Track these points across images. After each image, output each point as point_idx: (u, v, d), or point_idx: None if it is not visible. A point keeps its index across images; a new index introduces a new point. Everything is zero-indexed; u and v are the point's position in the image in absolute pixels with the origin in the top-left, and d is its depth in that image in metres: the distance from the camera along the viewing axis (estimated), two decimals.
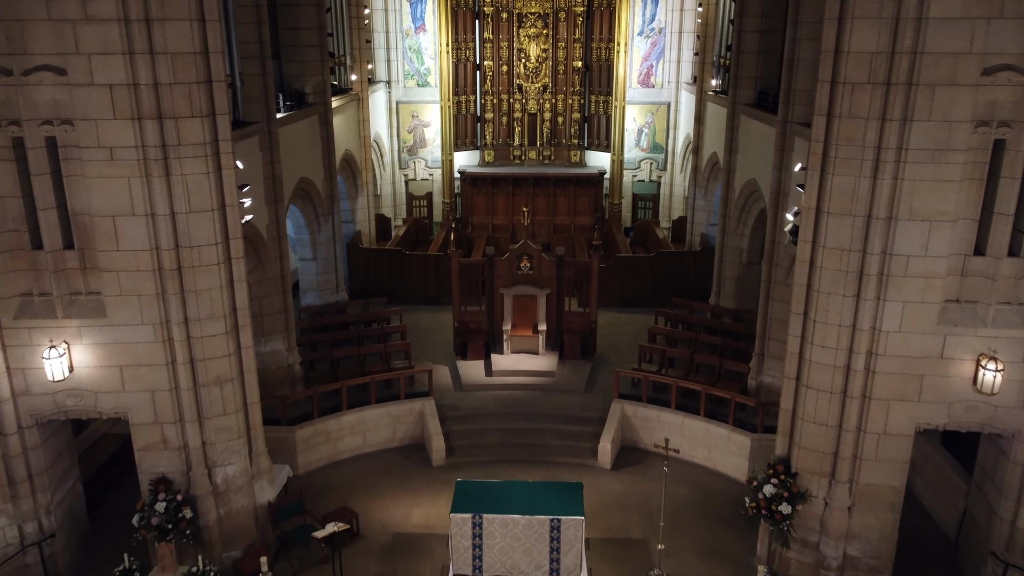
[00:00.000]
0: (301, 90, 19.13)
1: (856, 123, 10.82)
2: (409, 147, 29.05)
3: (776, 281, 16.21)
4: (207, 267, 11.74)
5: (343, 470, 16.30)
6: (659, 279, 23.56)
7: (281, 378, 17.11)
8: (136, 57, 10.66)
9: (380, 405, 16.95)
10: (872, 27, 10.45)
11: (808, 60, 14.83)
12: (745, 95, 19.03)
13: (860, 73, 10.65)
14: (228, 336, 12.23)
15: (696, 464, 16.44)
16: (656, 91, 28.43)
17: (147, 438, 12.29)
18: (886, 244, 11.08)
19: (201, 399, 12.29)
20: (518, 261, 19.23)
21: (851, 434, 11.97)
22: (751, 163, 18.57)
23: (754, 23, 18.54)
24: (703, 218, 24.85)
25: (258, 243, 15.78)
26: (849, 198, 11.11)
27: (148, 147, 11.01)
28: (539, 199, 28.56)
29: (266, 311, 16.57)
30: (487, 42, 28.14)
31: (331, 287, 20.95)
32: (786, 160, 15.52)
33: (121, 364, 11.86)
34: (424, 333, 21.43)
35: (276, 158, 16.00)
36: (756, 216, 18.92)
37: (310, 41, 19.08)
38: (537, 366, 18.77)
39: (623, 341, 21.03)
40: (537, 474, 16.00)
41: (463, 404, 17.74)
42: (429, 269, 23.63)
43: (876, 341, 11.47)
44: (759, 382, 16.98)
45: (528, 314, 19.50)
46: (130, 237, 11.31)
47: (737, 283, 20.31)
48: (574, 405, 17.66)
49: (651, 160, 29.01)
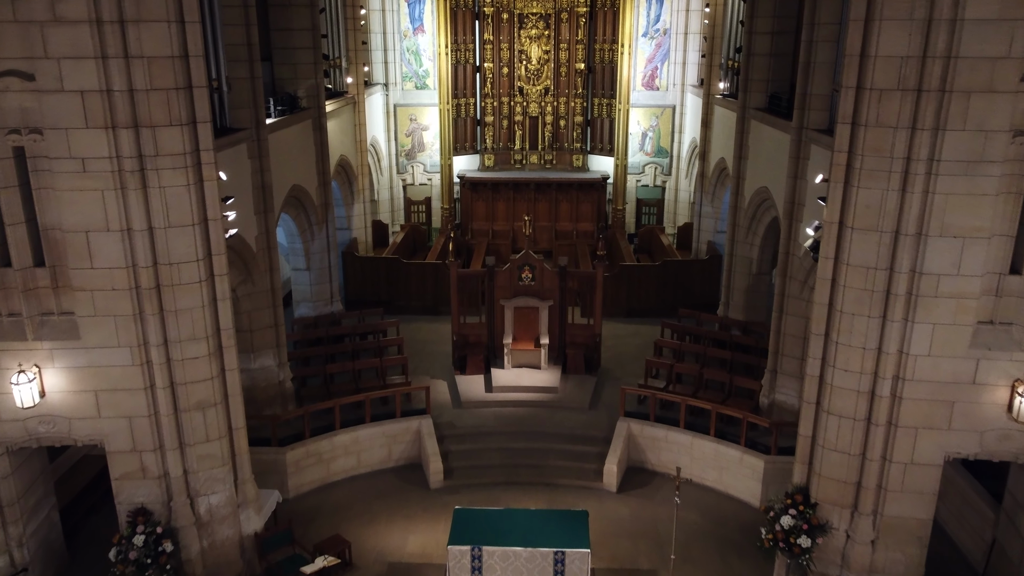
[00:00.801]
0: (294, 94, 18.38)
1: (884, 132, 10.07)
2: (407, 151, 28.30)
3: (790, 295, 15.47)
4: (188, 285, 10.99)
5: (336, 493, 15.55)
6: (665, 288, 22.81)
7: (272, 396, 16.36)
8: (109, 61, 9.92)
9: (375, 424, 16.19)
10: (902, 29, 9.70)
11: (825, 63, 14.12)
12: (756, 99, 18.30)
13: (888, 79, 9.90)
14: (211, 358, 11.48)
15: (706, 487, 15.68)
16: (661, 94, 27.68)
17: (125, 467, 11.54)
18: (915, 262, 10.32)
19: (182, 425, 11.55)
20: (519, 272, 18.48)
21: (876, 463, 11.22)
22: (762, 170, 17.83)
23: (765, 24, 17.80)
24: (710, 225, 24.10)
25: (246, 255, 15.03)
26: (875, 212, 10.36)
27: (123, 158, 10.27)
28: (540, 204, 27.80)
29: (255, 326, 15.84)
30: (487, 43, 27.37)
31: (325, 298, 20.19)
32: (801, 168, 14.77)
33: (96, 389, 11.11)
34: (422, 345, 20.68)
35: (266, 166, 15.25)
36: (767, 225, 18.19)
37: (303, 43, 18.32)
38: (539, 381, 18.02)
39: (628, 354, 20.28)
40: (539, 497, 15.29)
41: (462, 422, 16.99)
42: (427, 278, 22.89)
43: (903, 365, 10.72)
44: (772, 400, 16.23)
45: (530, 327, 18.75)
46: (105, 254, 10.56)
47: (747, 294, 19.56)
48: (578, 423, 16.90)
49: (655, 165, 28.25)
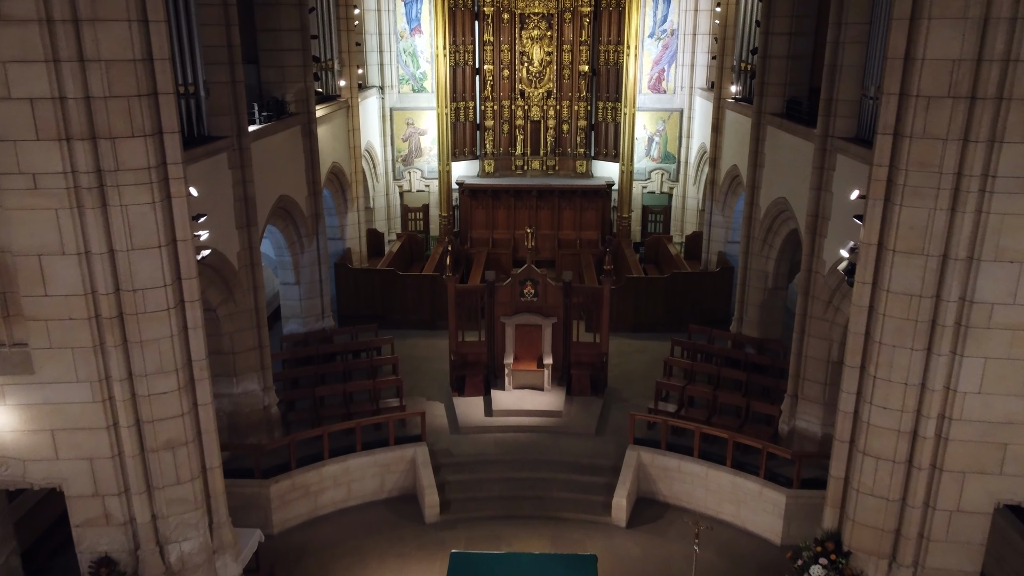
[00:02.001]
0: (281, 99, 17.29)
1: (931, 145, 8.99)
2: (404, 157, 27.21)
3: (813, 316, 14.37)
4: (154, 314, 9.90)
5: (324, 528, 14.45)
6: (673, 302, 21.71)
7: (256, 422, 15.26)
8: (62, 65, 8.84)
9: (367, 453, 15.09)
10: (954, 29, 8.62)
11: (853, 67, 13.04)
12: (772, 104, 17.21)
13: (938, 85, 8.82)
14: (182, 393, 10.38)
15: (723, 521, 14.57)
16: (668, 97, 26.58)
17: (86, 513, 10.45)
18: (966, 289, 9.25)
19: (150, 466, 10.45)
20: (521, 287, 17.40)
21: (917, 510, 10.14)
22: (780, 180, 16.75)
23: (783, 24, 16.71)
24: (721, 235, 23.00)
25: (227, 273, 13.94)
26: (921, 234, 9.28)
27: (80, 173, 9.18)
28: (543, 212, 26.73)
29: (238, 348, 14.73)
30: (487, 44, 26.28)
31: (316, 313, 19.09)
32: (826, 180, 13.68)
33: (53, 428, 10.02)
34: (418, 363, 19.60)
35: (248, 176, 14.16)
36: (784, 238, 17.10)
37: (291, 44, 17.23)
38: (542, 405, 16.93)
39: (636, 372, 19.20)
40: (543, 532, 14.21)
41: (460, 449, 15.89)
42: (424, 291, 21.79)
43: (950, 403, 9.65)
44: (792, 427, 15.13)
45: (532, 346, 17.66)
46: (60, 280, 9.47)
47: (762, 310, 18.46)
48: (584, 451, 15.80)
49: (662, 170, 27.16)
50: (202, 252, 10.73)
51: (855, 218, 10.37)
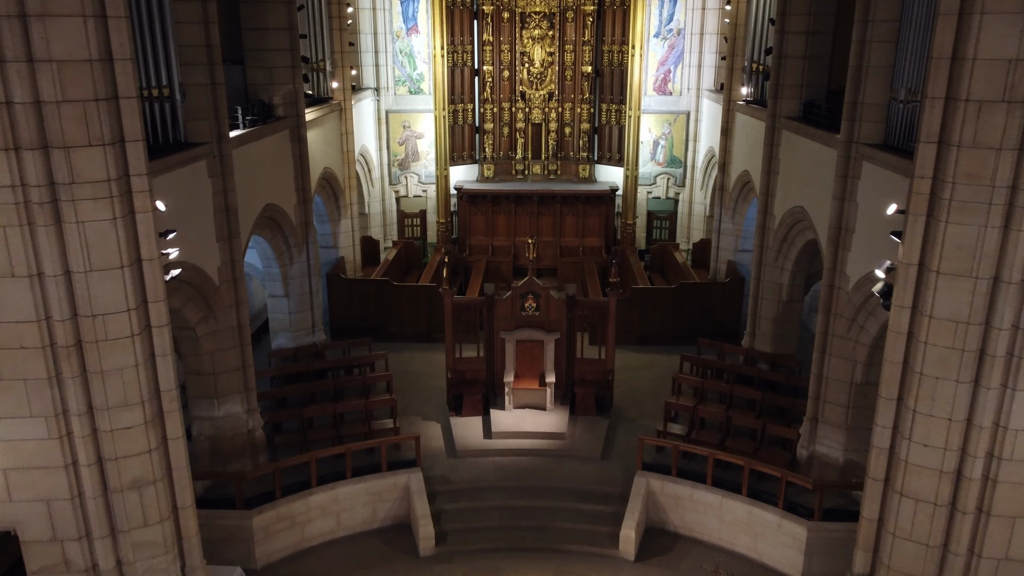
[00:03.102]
0: (269, 101, 16.35)
1: (983, 155, 8.04)
2: (400, 161, 26.24)
3: (835, 334, 13.41)
4: (116, 341, 8.96)
5: (312, 562, 13.49)
6: (681, 313, 20.75)
7: (239, 447, 14.30)
8: (7, 66, 7.92)
9: (358, 480, 14.12)
10: (1011, 25, 7.67)
11: (881, 68, 12.11)
12: (788, 107, 16.26)
13: (991, 88, 7.87)
14: (148, 427, 9.43)
15: (738, 554, 13.62)
16: (674, 99, 25.60)
17: (44, 559, 9.50)
18: (1019, 316, 8.28)
19: (114, 508, 9.52)
20: (522, 301, 16.44)
21: (961, 558, 9.20)
22: (796, 187, 15.80)
23: (799, 23, 15.77)
24: (730, 243, 22.02)
25: (207, 289, 12.98)
26: (969, 254, 8.33)
27: (29, 187, 8.26)
28: (544, 218, 25.74)
29: (219, 369, 13.77)
30: (486, 44, 25.30)
31: (306, 327, 18.12)
32: (850, 189, 12.74)
33: (5, 467, 9.11)
34: (414, 379, 18.65)
35: (230, 185, 13.20)
36: (801, 249, 16.15)
37: (279, 44, 16.27)
38: (545, 426, 15.96)
39: (643, 389, 18.24)
40: (546, 566, 13.28)
41: (457, 475, 14.93)
42: (421, 302, 20.82)
43: (999, 441, 8.73)
44: (812, 452, 14.17)
45: (534, 363, 16.70)
46: (10, 305, 8.55)
47: (775, 323, 17.49)
48: (589, 477, 14.84)
49: (668, 175, 26.19)
50: (172, 272, 9.77)
51: (892, 235, 9.41)
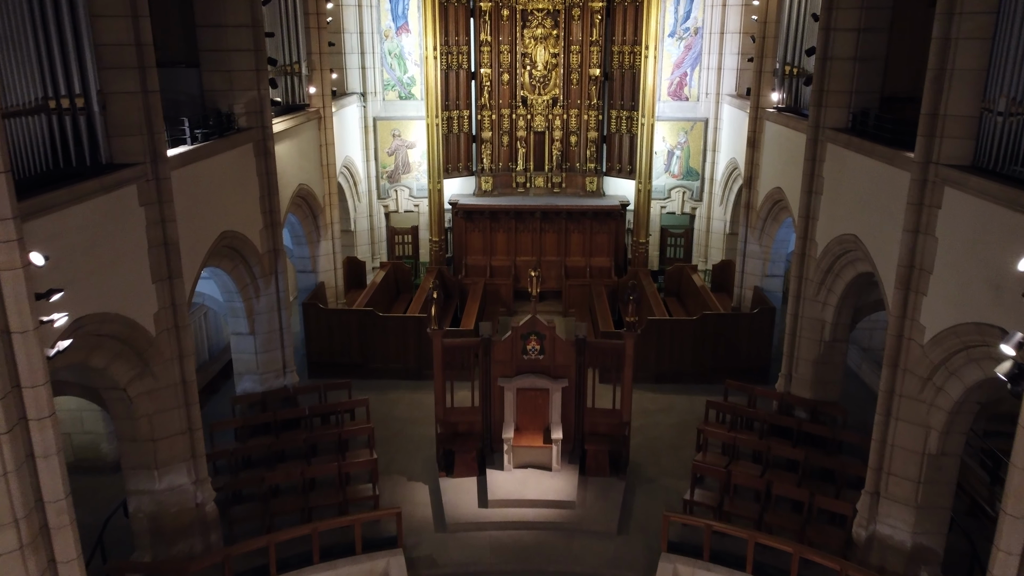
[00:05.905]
0: (228, 110, 14.03)
1: None
2: (389, 173, 23.91)
3: (904, 394, 11.06)
4: None
5: None
6: (703, 347, 18.41)
7: (186, 524, 11.94)
8: None
9: (327, 565, 11.83)
10: None
11: (970, 72, 9.78)
12: (834, 116, 13.98)
13: None
14: (26, 552, 7.08)
15: None
16: (691, 105, 23.27)
17: None
18: None
19: None
20: (524, 342, 14.12)
21: None
22: (846, 211, 13.48)
23: (849, 18, 13.49)
24: (757, 267, 19.65)
25: (139, 343, 10.62)
26: None
27: None
28: (547, 236, 23.43)
29: (159, 434, 11.41)
30: (484, 45, 23.00)
31: (276, 368, 15.75)
32: (927, 220, 10.40)
33: None
34: (399, 426, 16.32)
35: (168, 214, 10.85)
36: (849, 282, 13.83)
37: (240, 44, 13.96)
38: (551, 492, 13.62)
39: (662, 440, 15.91)
40: None
41: (446, 556, 12.57)
42: (409, 335, 18.48)
43: None
44: (871, 532, 11.80)
45: (537, 415, 14.37)
46: None
47: (816, 366, 15.14)
48: (605, 558, 12.49)
49: (684, 188, 23.86)
50: (58, 344, 7.41)
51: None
